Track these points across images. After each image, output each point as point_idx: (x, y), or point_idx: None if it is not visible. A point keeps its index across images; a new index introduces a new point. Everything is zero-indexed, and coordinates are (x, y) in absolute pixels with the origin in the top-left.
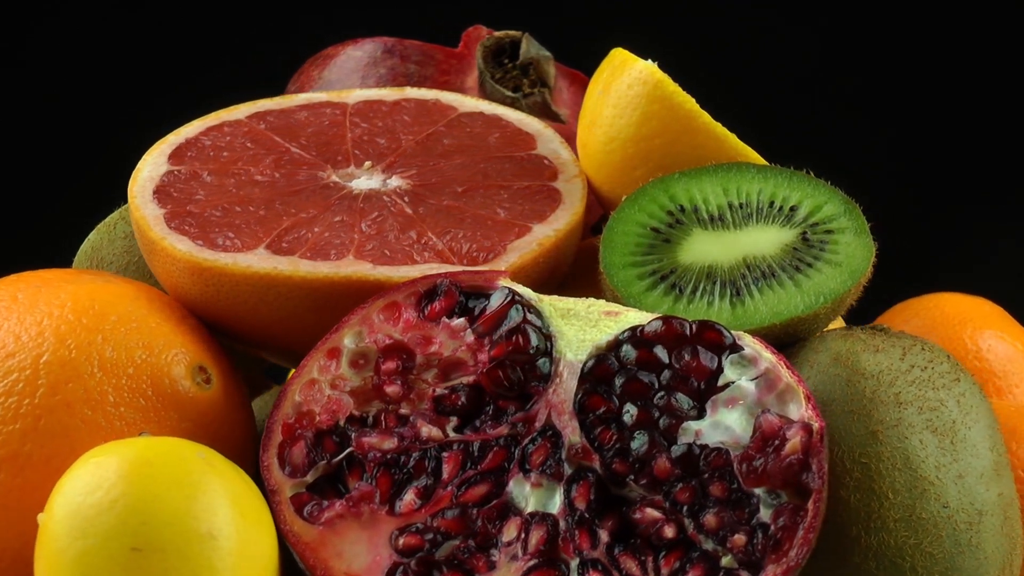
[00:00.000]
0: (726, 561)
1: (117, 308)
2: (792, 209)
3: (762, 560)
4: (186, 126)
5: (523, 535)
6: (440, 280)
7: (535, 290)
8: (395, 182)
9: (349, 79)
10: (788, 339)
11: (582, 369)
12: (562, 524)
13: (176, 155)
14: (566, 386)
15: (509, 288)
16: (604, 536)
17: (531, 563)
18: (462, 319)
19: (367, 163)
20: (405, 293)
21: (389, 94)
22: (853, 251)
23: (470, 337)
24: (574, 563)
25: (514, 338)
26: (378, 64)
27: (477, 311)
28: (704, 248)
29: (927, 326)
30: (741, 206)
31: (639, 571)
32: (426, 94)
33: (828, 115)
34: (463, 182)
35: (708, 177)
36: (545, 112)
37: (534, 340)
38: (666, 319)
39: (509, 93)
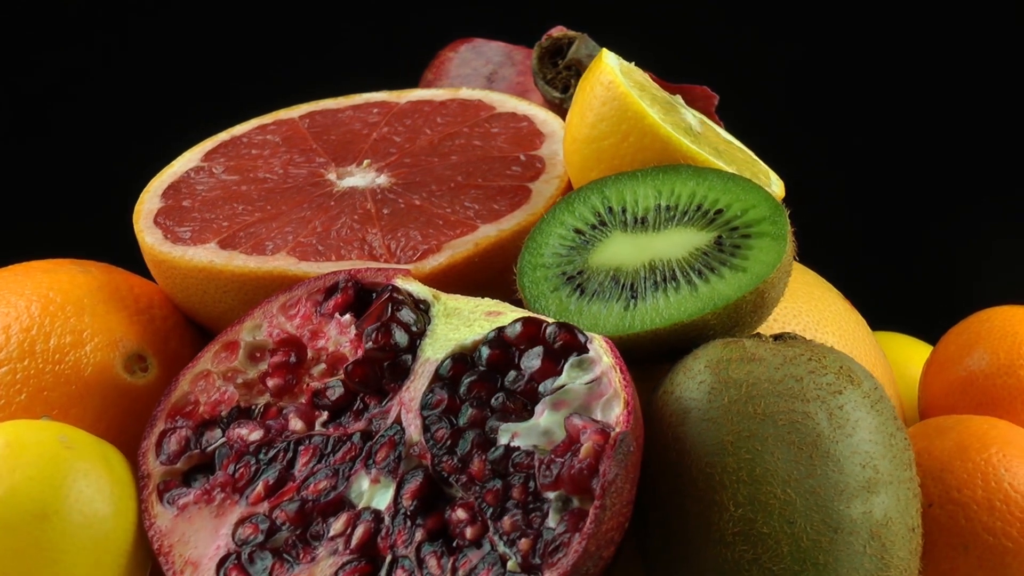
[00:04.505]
0: (511, 565)
1: (71, 297)
2: (718, 212)
3: (540, 567)
4: (242, 124)
5: (349, 530)
6: (340, 277)
7: (477, 290)
8: (380, 180)
9: (443, 81)
10: (681, 344)
11: (437, 368)
12: (386, 521)
13: (211, 152)
14: (418, 384)
15: (391, 285)
16: (419, 535)
17: (347, 558)
18: (350, 315)
19: (366, 161)
20: (309, 289)
21: (440, 94)
22: (762, 257)
23: (353, 333)
24: (387, 560)
25: (374, 335)
26: (464, 66)
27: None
28: (616, 250)
29: (972, 340)
30: (668, 208)
31: (438, 571)
32: (473, 94)
33: (830, 116)
34: (443, 181)
35: (645, 179)
36: None
37: (396, 337)
38: (527, 320)
39: (557, 94)
